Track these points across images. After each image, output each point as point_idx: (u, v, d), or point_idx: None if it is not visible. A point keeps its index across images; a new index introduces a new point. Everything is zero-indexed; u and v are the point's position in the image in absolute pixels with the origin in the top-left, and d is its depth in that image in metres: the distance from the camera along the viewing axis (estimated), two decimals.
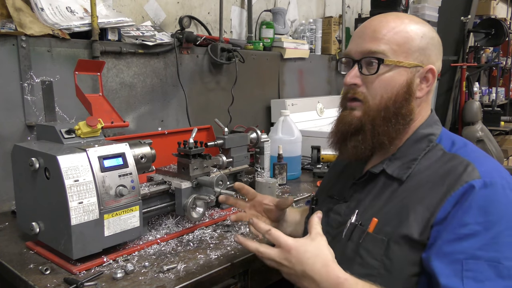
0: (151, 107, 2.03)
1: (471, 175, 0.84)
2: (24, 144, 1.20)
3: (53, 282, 1.03)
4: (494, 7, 6.08)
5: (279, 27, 2.75)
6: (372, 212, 0.93)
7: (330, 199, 1.08)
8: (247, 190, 1.26)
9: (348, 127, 0.97)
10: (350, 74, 0.96)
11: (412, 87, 0.94)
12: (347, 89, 0.98)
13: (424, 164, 0.92)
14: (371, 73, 0.93)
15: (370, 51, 0.93)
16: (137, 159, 1.23)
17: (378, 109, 0.93)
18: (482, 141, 4.38)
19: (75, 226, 1.05)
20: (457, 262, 0.78)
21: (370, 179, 0.99)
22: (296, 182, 1.99)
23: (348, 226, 0.95)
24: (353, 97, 0.97)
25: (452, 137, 0.97)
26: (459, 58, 4.75)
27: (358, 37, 0.98)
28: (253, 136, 1.84)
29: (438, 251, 0.81)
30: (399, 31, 0.93)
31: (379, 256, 0.87)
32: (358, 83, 0.95)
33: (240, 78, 2.37)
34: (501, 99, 6.38)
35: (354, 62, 0.96)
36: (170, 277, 1.06)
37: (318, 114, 2.79)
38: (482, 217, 0.79)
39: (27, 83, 1.59)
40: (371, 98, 0.94)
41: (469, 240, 0.79)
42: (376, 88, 0.94)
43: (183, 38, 2.05)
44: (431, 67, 0.95)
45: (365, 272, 0.87)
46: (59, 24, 1.65)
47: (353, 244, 0.92)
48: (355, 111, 0.97)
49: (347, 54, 0.99)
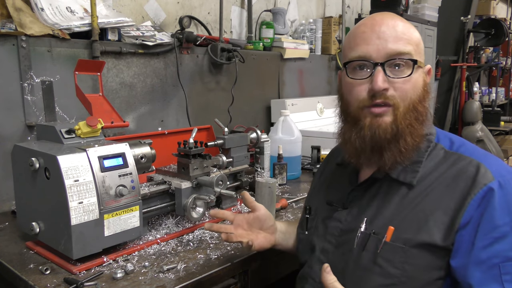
0: (151, 107, 2.03)
1: (486, 177, 0.83)
2: (24, 144, 1.20)
3: (53, 282, 1.03)
4: (494, 7, 6.09)
5: (279, 27, 2.75)
6: (384, 219, 0.90)
7: (328, 206, 1.05)
8: (223, 214, 1.19)
9: (385, 135, 0.88)
10: (378, 78, 0.87)
11: (428, 87, 0.93)
12: (373, 95, 0.89)
13: (429, 166, 0.91)
14: (401, 75, 0.88)
15: (400, 52, 0.88)
16: (137, 159, 1.23)
17: (408, 111, 0.89)
18: (482, 141, 4.39)
19: (75, 226, 1.05)
20: (494, 267, 0.78)
21: (370, 184, 0.97)
22: (296, 182, 1.99)
23: (360, 235, 0.92)
24: (383, 102, 0.88)
25: (448, 135, 0.97)
26: (459, 58, 4.76)
27: (375, 37, 0.89)
28: (253, 136, 1.84)
29: (474, 260, 0.80)
30: (412, 31, 0.92)
31: (399, 264, 0.85)
32: (387, 87, 0.88)
33: (240, 78, 2.37)
34: (501, 99, 6.38)
35: (376, 65, 0.88)
36: (170, 277, 1.06)
37: (318, 114, 2.79)
38: (507, 217, 0.79)
39: (27, 83, 1.59)
40: (402, 102, 0.88)
41: (501, 242, 0.79)
42: (407, 90, 0.88)
43: (183, 38, 2.05)
44: (430, 67, 0.96)
45: (387, 282, 0.86)
46: (59, 24, 1.65)
47: (370, 254, 0.89)
48: (384, 117, 0.89)
49: (364, 56, 0.90)
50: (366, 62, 0.90)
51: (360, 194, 0.98)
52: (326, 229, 1.01)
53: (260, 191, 1.35)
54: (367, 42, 0.90)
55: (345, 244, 0.95)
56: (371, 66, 0.89)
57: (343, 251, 0.95)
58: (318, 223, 1.06)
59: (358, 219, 0.94)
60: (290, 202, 1.66)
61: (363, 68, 0.91)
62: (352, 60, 0.92)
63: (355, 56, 0.91)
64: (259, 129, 1.86)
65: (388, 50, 0.88)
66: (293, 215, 1.53)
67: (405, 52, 0.88)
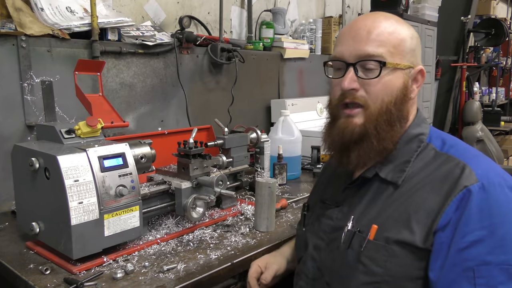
0: (151, 107, 2.03)
1: (468, 179, 0.83)
2: (24, 144, 1.20)
3: (53, 282, 1.03)
4: (494, 7, 6.09)
5: (279, 27, 2.75)
6: (369, 218, 0.91)
7: (322, 204, 1.06)
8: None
9: (351, 136, 0.92)
10: (346, 78, 0.91)
11: (408, 89, 0.93)
12: (342, 94, 0.93)
13: (417, 166, 0.91)
14: (371, 77, 0.90)
15: (369, 54, 0.90)
16: (137, 159, 1.23)
17: (380, 114, 0.90)
18: (482, 141, 4.38)
19: (75, 226, 1.05)
20: (468, 270, 0.78)
21: (363, 183, 0.97)
22: (296, 182, 1.99)
23: (346, 233, 0.92)
24: (352, 102, 0.92)
25: (441, 136, 0.97)
26: (459, 58, 4.76)
27: (350, 38, 0.93)
28: (253, 136, 1.84)
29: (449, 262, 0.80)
30: (392, 32, 0.92)
31: (382, 263, 0.86)
32: (356, 87, 0.91)
33: (240, 78, 2.37)
34: (501, 99, 6.38)
35: (348, 66, 0.92)
36: (170, 277, 1.06)
37: (318, 114, 2.79)
38: (486, 220, 0.79)
39: (27, 83, 1.59)
40: (372, 103, 0.90)
41: (477, 246, 0.78)
42: (378, 91, 0.90)
43: (183, 38, 2.05)
44: (421, 68, 0.95)
45: (370, 280, 0.86)
46: (59, 24, 1.65)
47: (354, 252, 0.90)
48: (354, 118, 0.92)
49: (339, 57, 0.94)
50: (340, 62, 0.94)
51: (352, 193, 0.99)
52: (320, 226, 1.02)
53: (260, 191, 1.35)
54: (342, 43, 0.95)
55: (334, 242, 0.96)
56: (345, 66, 0.93)
57: (331, 249, 0.96)
58: (313, 220, 1.07)
59: (347, 217, 0.95)
60: (290, 202, 1.66)
61: (339, 68, 0.96)
62: (330, 60, 0.98)
63: (332, 56, 0.97)
64: (259, 129, 1.86)
65: (358, 51, 0.91)
66: (293, 215, 1.53)
67: (374, 54, 0.90)
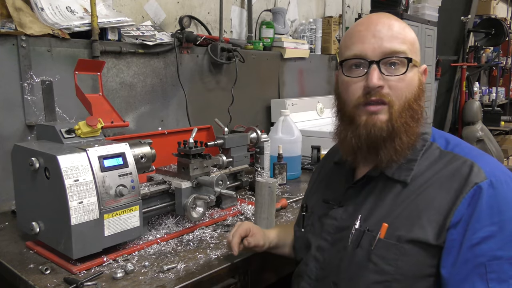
0: (151, 107, 2.03)
1: (478, 176, 0.84)
2: (24, 144, 1.20)
3: (53, 282, 1.03)
4: (494, 7, 6.09)
5: (279, 27, 2.74)
6: (379, 216, 0.91)
7: (324, 204, 1.05)
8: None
9: (380, 134, 0.89)
10: (373, 75, 0.88)
11: (423, 86, 0.95)
12: (367, 92, 0.90)
13: (423, 164, 0.92)
14: (396, 73, 0.90)
15: (395, 50, 0.89)
16: (137, 159, 1.23)
17: (403, 110, 0.90)
18: (482, 141, 4.39)
19: (75, 226, 1.05)
20: (480, 266, 0.79)
21: (366, 182, 0.97)
22: (296, 182, 1.99)
23: (354, 233, 0.92)
24: (378, 100, 0.89)
25: (444, 135, 0.97)
26: (459, 58, 4.76)
27: (370, 36, 0.91)
28: (253, 136, 1.84)
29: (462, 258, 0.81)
30: (408, 31, 0.93)
31: (393, 261, 0.86)
32: (383, 84, 0.89)
33: (240, 78, 2.37)
34: (501, 99, 6.38)
35: (371, 63, 0.90)
36: (170, 277, 1.06)
37: (318, 114, 2.79)
38: (496, 216, 0.80)
39: (27, 83, 1.59)
40: (397, 100, 0.90)
41: (488, 242, 0.79)
42: (402, 88, 0.90)
43: (183, 38, 2.05)
44: (426, 67, 0.98)
45: (380, 278, 0.86)
46: (59, 24, 1.65)
47: (364, 251, 0.90)
48: (379, 115, 0.90)
49: (359, 55, 0.91)
50: (362, 60, 0.91)
51: (356, 192, 0.99)
52: (322, 226, 1.02)
53: (260, 191, 1.34)
54: (362, 40, 0.92)
55: (340, 242, 0.96)
56: (367, 65, 0.91)
57: (338, 249, 0.96)
58: (314, 221, 1.07)
59: (353, 217, 0.95)
60: (290, 202, 1.66)
61: (359, 66, 0.93)
62: (349, 59, 0.94)
63: (351, 54, 0.93)
64: (259, 129, 1.86)
65: (383, 48, 0.89)
66: (293, 215, 1.53)
67: (400, 51, 0.90)
